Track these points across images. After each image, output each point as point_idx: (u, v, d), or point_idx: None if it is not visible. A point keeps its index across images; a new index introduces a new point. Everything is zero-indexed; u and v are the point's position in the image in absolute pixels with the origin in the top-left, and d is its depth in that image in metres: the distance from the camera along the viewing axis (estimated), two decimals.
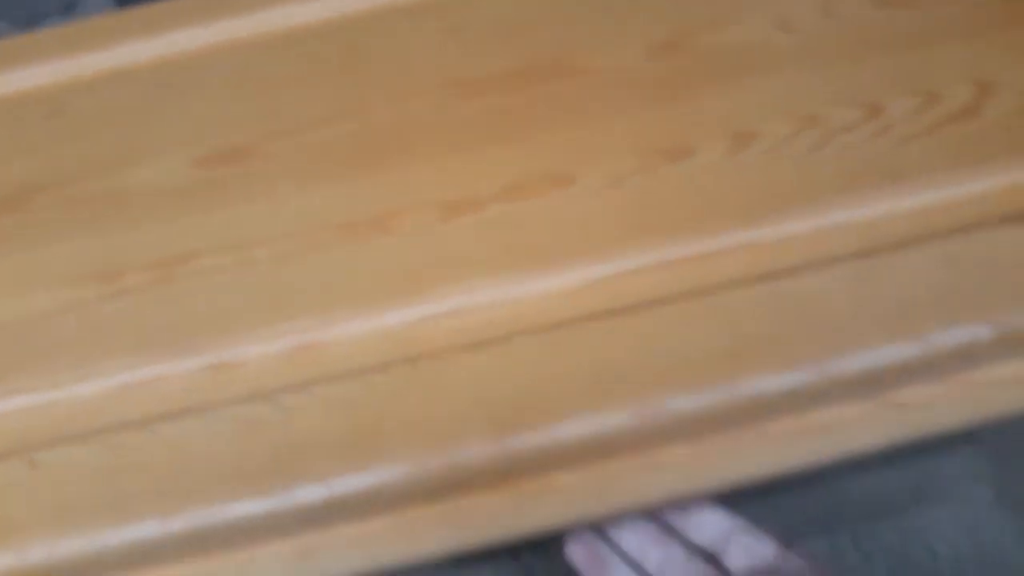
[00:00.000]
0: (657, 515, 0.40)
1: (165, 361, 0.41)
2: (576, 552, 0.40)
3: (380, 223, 0.44)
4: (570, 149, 0.45)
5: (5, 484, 0.38)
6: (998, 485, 0.43)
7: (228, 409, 0.38)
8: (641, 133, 0.44)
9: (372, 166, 0.46)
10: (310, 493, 0.36)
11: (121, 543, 0.36)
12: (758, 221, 0.40)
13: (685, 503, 0.39)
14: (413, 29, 0.52)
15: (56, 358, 0.42)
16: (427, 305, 0.41)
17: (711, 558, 0.37)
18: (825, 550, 0.44)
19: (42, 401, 0.41)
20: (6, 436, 0.40)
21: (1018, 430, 0.44)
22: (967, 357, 0.36)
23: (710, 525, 0.38)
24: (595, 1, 0.51)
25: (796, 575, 0.35)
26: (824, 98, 0.44)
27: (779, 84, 0.45)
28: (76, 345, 0.42)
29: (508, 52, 0.50)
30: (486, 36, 0.51)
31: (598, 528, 0.40)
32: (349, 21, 0.54)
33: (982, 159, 0.41)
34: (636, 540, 0.37)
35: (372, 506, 0.36)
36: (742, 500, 0.45)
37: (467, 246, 0.42)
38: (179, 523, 0.36)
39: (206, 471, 0.37)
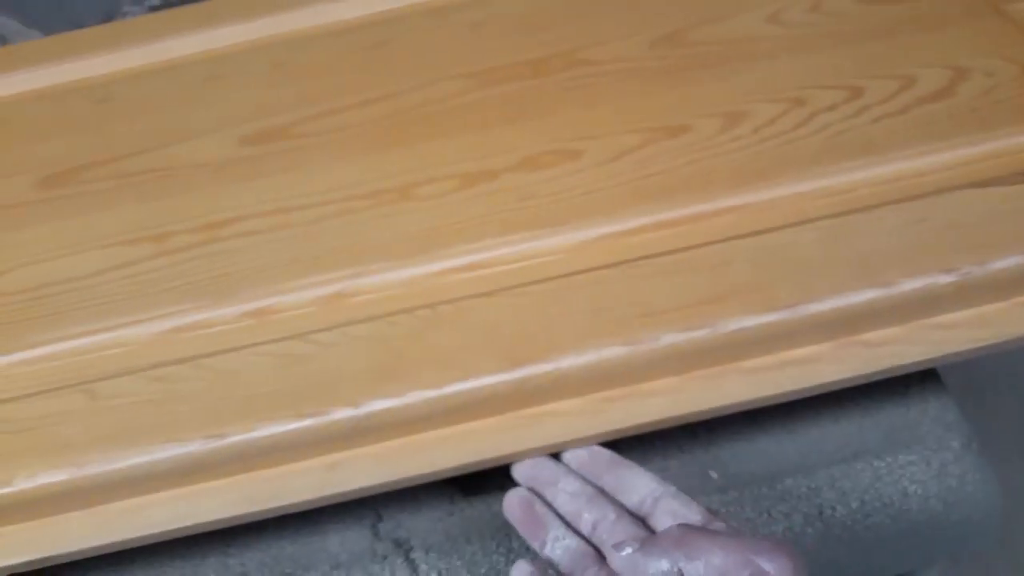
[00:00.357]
0: (591, 478, 0.43)
1: (210, 308, 0.48)
2: (513, 508, 0.42)
3: (404, 191, 0.51)
4: (578, 129, 0.52)
5: (66, 411, 0.45)
6: (965, 434, 0.49)
7: (267, 346, 0.45)
8: (643, 114, 0.51)
9: (398, 143, 0.54)
10: (340, 415, 0.42)
11: (170, 460, 0.43)
12: (746, 187, 0.47)
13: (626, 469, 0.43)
14: (437, 25, 0.60)
15: (112, 306, 0.49)
16: (445, 260, 0.48)
17: (640, 520, 0.40)
18: (803, 489, 0.50)
19: (99, 343, 0.48)
20: (68, 371, 0.47)
21: (984, 384, 0.50)
22: (928, 302, 0.42)
23: (641, 488, 0.40)
24: (601, 3, 0.59)
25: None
26: (810, 82, 0.51)
27: (769, 71, 0.52)
28: (130, 295, 0.49)
29: (524, 45, 0.57)
30: (504, 31, 0.59)
31: (533, 488, 0.43)
32: (378, 18, 0.62)
33: (951, 134, 0.48)
34: (570, 500, 0.40)
35: (394, 427, 0.43)
36: (728, 445, 0.51)
37: (482, 210, 0.49)
38: (221, 443, 0.43)
39: (247, 398, 0.43)
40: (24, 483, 0.42)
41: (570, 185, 0.49)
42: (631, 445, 0.46)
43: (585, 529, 0.40)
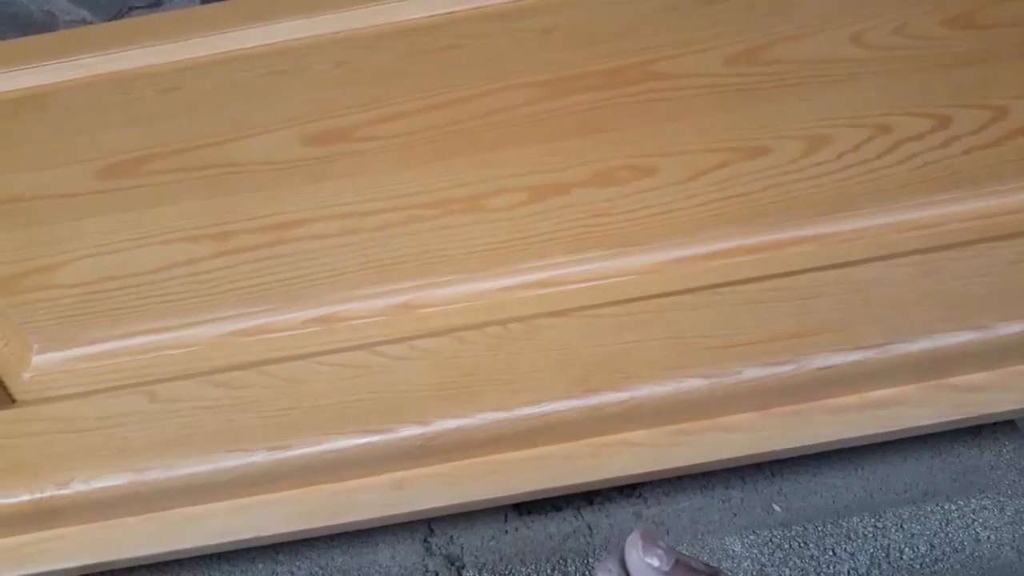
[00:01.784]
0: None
1: (275, 312, 0.46)
2: None
3: (473, 201, 0.49)
4: (653, 144, 0.49)
5: (127, 413, 0.43)
6: None
7: (334, 356, 0.43)
8: (720, 133, 0.49)
9: (465, 151, 0.51)
10: (408, 432, 0.40)
11: (232, 470, 0.41)
12: (830, 215, 0.44)
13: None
14: (505, 30, 0.57)
15: (173, 304, 0.47)
16: (515, 276, 0.45)
17: None
18: (870, 528, 0.48)
19: (160, 342, 0.46)
20: (127, 371, 0.45)
21: None
22: (1022, 349, 0.40)
23: None
24: (677, 12, 0.56)
25: None
26: (895, 108, 0.48)
27: (852, 94, 0.49)
28: (192, 295, 0.47)
29: (595, 55, 0.55)
30: (574, 39, 0.56)
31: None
32: (444, 19, 0.59)
33: None
34: None
35: (463, 448, 0.40)
36: (792, 477, 0.48)
37: (553, 225, 0.47)
38: (286, 455, 0.40)
39: (313, 409, 0.41)
40: (81, 486, 0.41)
41: (645, 203, 0.47)
42: (692, 474, 0.43)
43: None
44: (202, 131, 0.55)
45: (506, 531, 0.48)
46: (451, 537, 0.48)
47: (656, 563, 0.31)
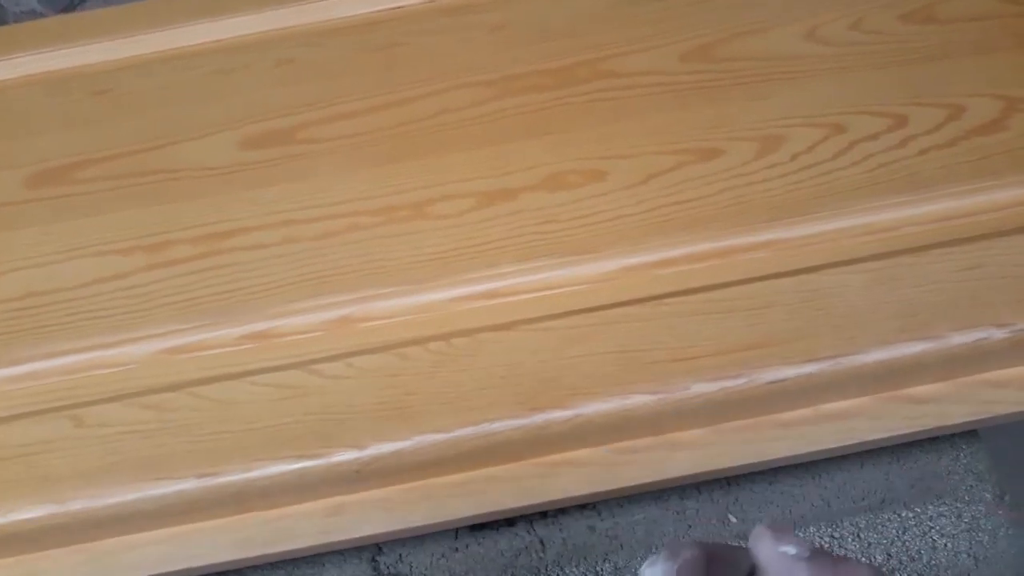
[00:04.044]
0: None
1: (208, 328, 0.43)
2: None
3: (417, 208, 0.46)
4: (603, 146, 0.47)
5: (51, 439, 0.40)
6: (998, 485, 0.45)
7: (268, 375, 0.40)
8: (673, 133, 0.46)
9: (410, 154, 0.48)
10: (343, 456, 0.38)
11: (161, 498, 0.38)
12: (783, 220, 0.42)
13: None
14: (453, 27, 0.55)
15: (103, 321, 0.44)
16: (460, 287, 0.43)
17: None
18: (826, 539, 0.46)
19: (88, 361, 0.43)
20: (53, 393, 0.42)
21: (1018, 431, 0.46)
22: (978, 358, 0.38)
23: None
24: (629, 8, 0.53)
25: None
26: (850, 107, 0.46)
27: (807, 92, 0.47)
28: (122, 310, 0.44)
29: (545, 52, 0.52)
30: (524, 36, 0.53)
31: None
32: (390, 15, 0.56)
33: (1005, 171, 0.43)
34: None
35: (402, 471, 0.38)
36: (748, 486, 0.47)
37: (500, 233, 0.45)
38: (216, 482, 0.38)
39: (245, 433, 0.39)
40: (0, 518, 0.38)
41: (595, 209, 0.45)
42: None
43: None
44: (138, 135, 0.52)
45: (456, 548, 0.46)
46: (400, 555, 0.46)
47: (793, 551, 0.28)
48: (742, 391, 0.38)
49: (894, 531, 0.45)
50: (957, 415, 0.38)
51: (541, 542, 0.46)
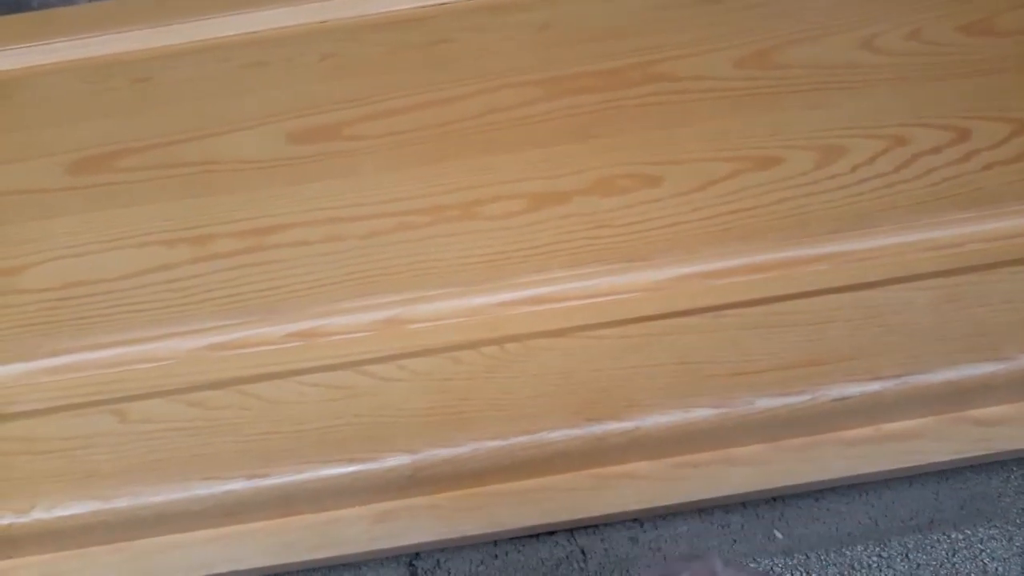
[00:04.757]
0: None
1: (253, 325, 0.42)
2: None
3: (466, 208, 0.45)
4: (657, 151, 0.46)
5: (94, 433, 0.39)
6: None
7: (316, 375, 0.39)
8: (729, 140, 0.45)
9: (458, 153, 0.47)
10: (396, 461, 0.37)
11: (208, 498, 0.37)
12: (844, 233, 0.41)
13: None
14: (499, 24, 0.53)
15: (145, 314, 0.43)
16: (510, 291, 0.42)
17: None
18: (874, 559, 0.45)
19: (131, 355, 0.42)
20: (94, 387, 0.41)
21: None
22: None
23: None
24: (677, 11, 0.52)
25: None
26: (911, 119, 0.45)
27: (866, 102, 0.46)
28: (165, 303, 0.43)
29: (595, 53, 0.51)
30: (573, 36, 0.52)
31: None
32: (435, 11, 0.55)
33: None
34: None
35: (453, 478, 0.37)
36: (794, 502, 0.46)
37: (551, 237, 0.43)
38: (265, 483, 0.37)
39: (294, 434, 0.38)
40: (42, 513, 0.37)
41: (648, 215, 0.43)
42: None
43: None
44: (179, 125, 0.51)
45: (496, 555, 0.45)
46: (438, 561, 0.45)
47: None
48: (806, 408, 0.37)
49: (943, 553, 0.44)
50: None
51: (582, 552, 0.45)
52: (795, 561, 0.44)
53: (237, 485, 0.37)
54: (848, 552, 0.44)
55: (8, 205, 0.48)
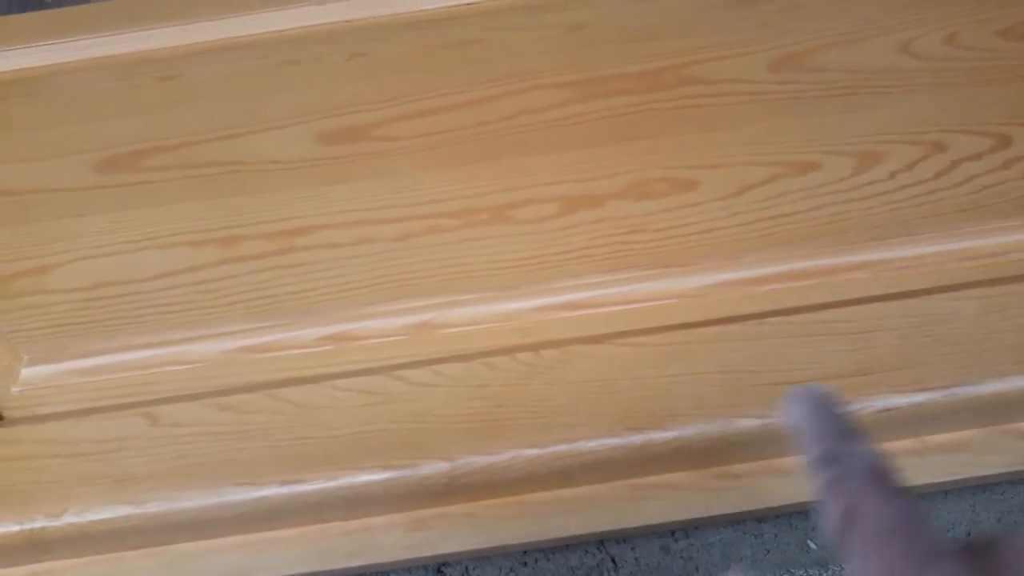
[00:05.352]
0: None
1: (284, 328, 0.41)
2: None
3: (499, 212, 0.44)
4: (692, 155, 0.45)
5: (125, 436, 0.38)
6: None
7: (350, 380, 0.38)
8: (765, 145, 0.44)
9: (490, 155, 0.46)
10: (432, 468, 0.36)
11: (241, 504, 0.36)
12: (885, 240, 0.40)
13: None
14: (532, 25, 0.53)
15: (176, 316, 0.42)
16: (543, 296, 0.41)
17: None
18: None
19: (162, 357, 0.41)
20: (127, 388, 0.40)
21: None
22: None
23: None
24: (712, 12, 0.51)
25: None
26: (950, 125, 0.44)
27: (904, 108, 0.45)
28: (195, 305, 0.42)
29: (629, 55, 0.50)
30: (606, 37, 0.51)
31: None
32: (467, 11, 0.54)
33: None
34: None
35: (493, 486, 0.36)
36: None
37: (586, 241, 0.43)
38: (299, 489, 0.36)
39: (330, 440, 0.37)
40: (74, 517, 0.36)
41: (685, 220, 0.42)
42: None
43: None
44: (207, 124, 0.50)
45: (525, 563, 0.44)
46: (466, 568, 0.44)
47: None
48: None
49: None
50: None
51: (613, 560, 0.44)
52: (830, 573, 0.43)
53: (270, 491, 0.36)
54: None
55: (35, 204, 0.47)
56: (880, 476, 0.25)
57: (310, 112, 0.49)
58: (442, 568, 0.44)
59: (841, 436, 0.26)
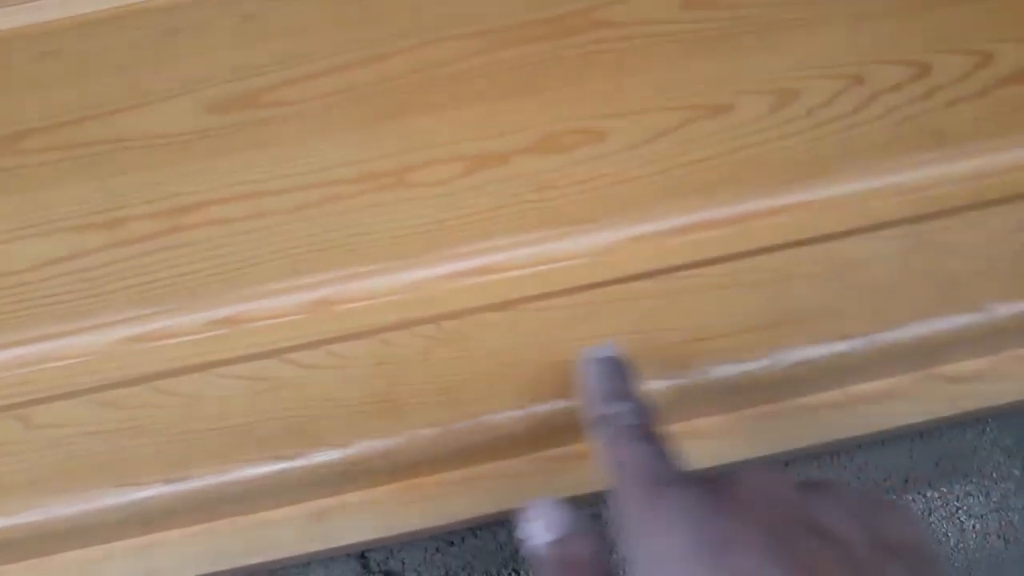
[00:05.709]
0: None
1: (171, 315, 0.38)
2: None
3: (399, 176, 0.41)
4: (601, 103, 0.42)
5: None
6: None
7: (240, 366, 0.36)
8: (677, 88, 0.42)
9: (390, 116, 0.43)
10: (327, 456, 0.33)
11: (123, 507, 0.34)
12: (803, 182, 0.38)
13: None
14: None
15: (55, 308, 0.39)
16: (449, 263, 0.38)
17: None
18: None
19: (39, 354, 0.38)
20: (1, 389, 0.37)
21: None
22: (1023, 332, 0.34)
23: None
24: None
25: None
26: (869, 56, 0.42)
27: (820, 41, 0.42)
28: (76, 295, 0.39)
29: (534, 3, 0.47)
30: None
31: None
32: None
33: None
34: None
35: (390, 471, 0.34)
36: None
37: (491, 201, 0.40)
38: (185, 487, 0.34)
39: (216, 432, 0.34)
40: None
41: (596, 173, 0.40)
42: None
43: None
44: (88, 101, 0.46)
45: (451, 542, 0.42)
46: (391, 551, 0.42)
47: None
48: (765, 374, 0.34)
49: (919, 512, 0.42)
50: (1003, 395, 0.34)
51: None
52: None
53: (155, 491, 0.33)
54: None
55: None
56: (641, 426, 0.29)
57: (195, 82, 0.45)
58: (365, 553, 0.42)
59: (617, 397, 0.30)
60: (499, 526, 0.42)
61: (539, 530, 0.29)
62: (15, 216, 0.42)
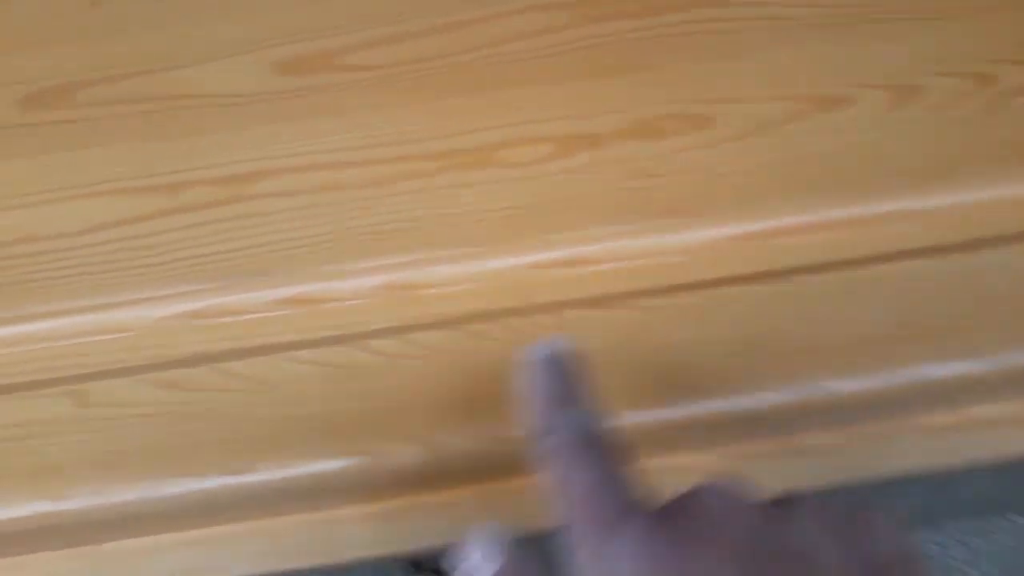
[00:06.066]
0: None
1: (236, 290, 0.35)
2: None
3: (484, 154, 0.38)
4: (708, 87, 0.39)
5: (48, 420, 0.33)
6: None
7: (312, 351, 0.33)
8: (791, 76, 0.38)
9: (474, 88, 0.40)
10: (404, 454, 0.31)
11: (180, 497, 0.31)
12: (927, 185, 0.35)
13: None
14: None
15: (109, 276, 0.36)
16: (539, 251, 0.35)
17: None
18: (930, 547, 0.40)
19: (92, 324, 0.35)
20: (49, 361, 0.34)
21: None
22: None
23: None
24: None
25: None
26: (1001, 55, 0.39)
27: (948, 35, 0.39)
28: (133, 264, 0.36)
29: None
30: None
31: None
32: None
33: None
34: None
35: (473, 471, 0.31)
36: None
37: (584, 187, 0.37)
38: (251, 479, 0.31)
39: (284, 420, 0.32)
40: None
41: (698, 163, 0.37)
42: None
43: None
44: (145, 54, 0.43)
45: None
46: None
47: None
48: (881, 391, 0.31)
49: (1007, 540, 0.39)
50: None
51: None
52: None
53: (216, 482, 0.31)
54: None
55: None
56: (588, 443, 0.26)
57: (262, 39, 0.42)
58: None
59: (562, 402, 0.27)
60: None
61: (478, 561, 0.26)
62: (66, 174, 0.39)
